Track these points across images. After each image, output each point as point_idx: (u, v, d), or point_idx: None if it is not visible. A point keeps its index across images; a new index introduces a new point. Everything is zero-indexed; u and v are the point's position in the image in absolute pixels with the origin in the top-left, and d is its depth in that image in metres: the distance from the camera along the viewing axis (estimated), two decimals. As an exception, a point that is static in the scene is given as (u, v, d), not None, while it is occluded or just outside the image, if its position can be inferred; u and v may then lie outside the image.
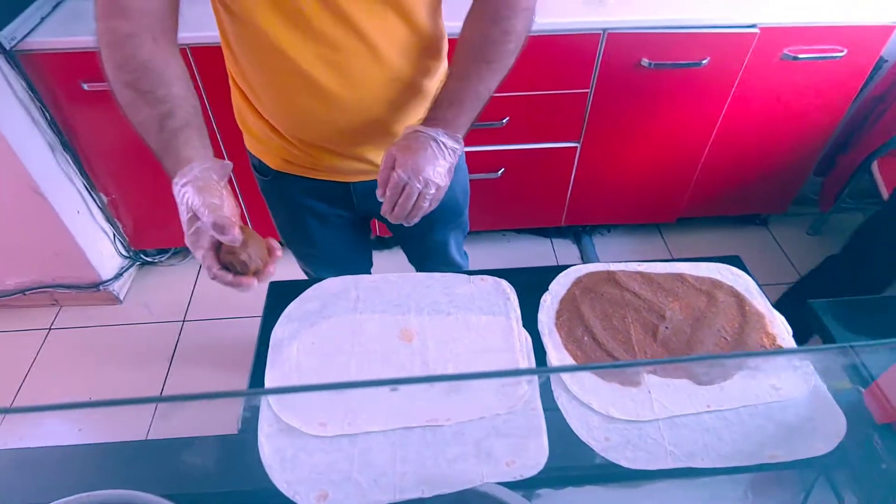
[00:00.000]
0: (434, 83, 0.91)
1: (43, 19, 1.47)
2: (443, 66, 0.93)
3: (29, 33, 1.42)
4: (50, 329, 1.91)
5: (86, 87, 1.49)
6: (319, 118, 0.86)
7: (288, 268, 2.16)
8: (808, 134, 1.85)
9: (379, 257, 1.33)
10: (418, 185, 0.75)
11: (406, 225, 0.79)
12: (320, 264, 1.17)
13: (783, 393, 0.72)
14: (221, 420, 0.73)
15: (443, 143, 0.78)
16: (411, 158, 0.75)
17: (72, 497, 0.62)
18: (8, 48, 1.37)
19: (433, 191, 0.77)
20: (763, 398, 0.72)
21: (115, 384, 1.73)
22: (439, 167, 0.77)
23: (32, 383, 1.75)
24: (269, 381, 0.76)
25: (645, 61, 1.58)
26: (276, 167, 0.97)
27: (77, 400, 1.70)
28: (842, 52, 1.61)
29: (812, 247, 2.19)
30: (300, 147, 0.91)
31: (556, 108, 1.70)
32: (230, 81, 0.93)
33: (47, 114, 1.56)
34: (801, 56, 1.60)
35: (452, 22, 0.87)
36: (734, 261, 0.90)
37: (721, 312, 0.82)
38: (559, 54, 1.57)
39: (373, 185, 0.87)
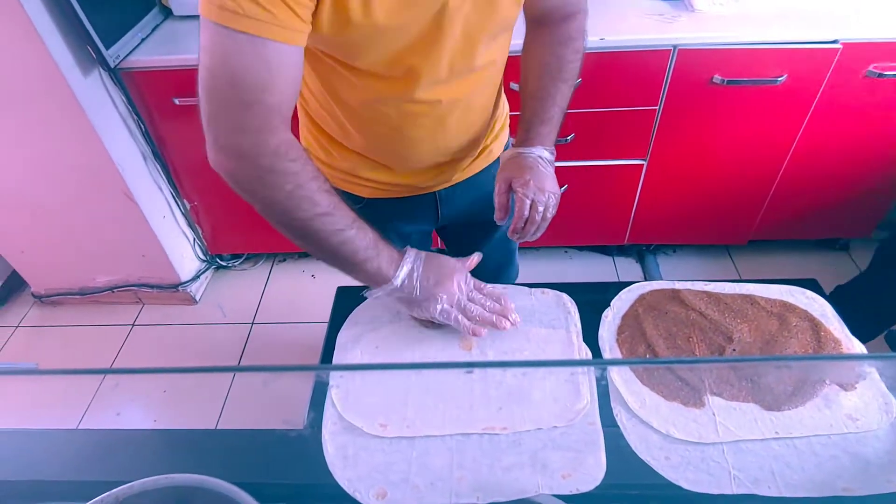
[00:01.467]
0: (499, 95, 0.98)
1: (143, 40, 1.61)
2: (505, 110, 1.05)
3: (130, 52, 1.56)
4: (133, 325, 2.05)
5: (177, 101, 1.61)
6: (419, 154, 0.91)
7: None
8: (889, 153, 1.74)
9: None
10: (543, 199, 0.85)
11: (531, 239, 0.88)
12: None
13: (860, 424, 0.69)
14: (289, 414, 0.77)
15: (546, 160, 0.88)
16: (531, 179, 0.85)
17: (148, 479, 0.67)
18: (112, 66, 1.51)
19: (553, 202, 0.86)
20: (838, 428, 0.68)
21: (188, 380, 1.84)
22: (552, 177, 0.87)
23: (115, 375, 1.89)
24: (333, 383, 0.79)
25: (717, 78, 1.55)
26: (367, 196, 0.99)
27: (153, 395, 1.83)
28: (927, 66, 1.52)
29: (899, 275, 2.04)
30: (394, 174, 0.95)
31: (623, 125, 1.68)
32: (306, 124, 0.96)
33: (142, 125, 1.69)
34: (887, 73, 1.52)
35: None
36: (810, 284, 0.87)
37: (794, 337, 0.78)
38: (628, 71, 1.56)
39: (454, 189, 1.01)
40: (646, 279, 2.08)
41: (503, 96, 1.02)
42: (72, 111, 1.52)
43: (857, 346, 0.78)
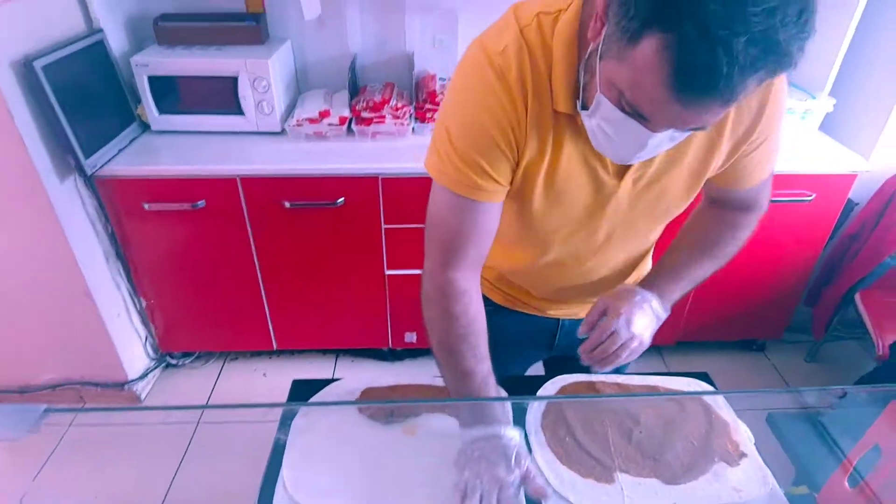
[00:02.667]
0: (650, 251, 1.04)
1: (121, 151, 1.75)
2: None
3: (107, 162, 1.69)
4: (70, 425, 1.99)
5: (147, 206, 1.73)
6: (562, 283, 0.98)
7: (310, 368, 2.24)
8: (790, 268, 2.01)
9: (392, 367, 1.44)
10: (626, 335, 0.83)
11: (596, 370, 0.87)
12: None
13: (743, 495, 0.80)
14: None
15: (652, 307, 0.87)
16: (626, 310, 0.84)
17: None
18: (89, 174, 1.63)
19: (635, 344, 0.84)
20: (726, 499, 0.80)
21: (124, 482, 1.78)
22: (649, 326, 0.86)
23: (48, 475, 1.81)
24: (287, 465, 0.85)
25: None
26: (498, 302, 1.08)
27: (83, 499, 1.75)
28: (811, 196, 1.81)
29: (810, 374, 2.25)
30: (528, 295, 1.04)
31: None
32: None
33: (109, 227, 1.79)
34: (774, 199, 1.79)
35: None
36: (702, 376, 1.01)
37: (690, 420, 0.92)
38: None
39: (576, 322, 0.97)
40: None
41: (650, 254, 1.05)
42: (43, 213, 1.61)
43: (742, 427, 0.91)
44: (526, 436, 0.89)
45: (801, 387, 2.17)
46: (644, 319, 0.85)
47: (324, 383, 1.00)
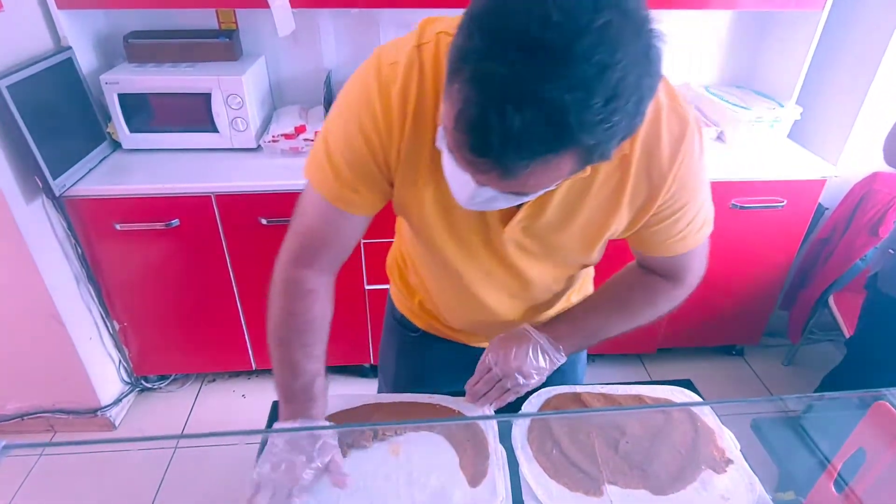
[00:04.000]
0: (576, 284, 0.99)
1: (90, 170, 1.71)
2: (589, 273, 1.04)
3: (76, 182, 1.64)
4: (41, 455, 1.92)
5: (118, 227, 1.69)
6: (472, 317, 0.97)
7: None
8: (765, 272, 2.04)
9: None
10: (499, 373, 0.87)
11: (478, 406, 0.90)
12: None
13: (731, 502, 0.80)
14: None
15: (543, 349, 0.87)
16: (503, 351, 0.87)
17: None
18: (57, 195, 1.59)
19: (510, 384, 0.87)
20: (714, 508, 0.80)
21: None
22: (528, 367, 0.86)
23: (17, 513, 1.74)
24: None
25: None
26: (423, 328, 1.08)
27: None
28: (782, 202, 1.85)
29: (789, 377, 2.28)
30: (450, 325, 1.03)
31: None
32: (396, 245, 1.08)
33: (79, 249, 1.74)
34: (746, 206, 1.84)
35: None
36: (686, 384, 1.02)
37: (675, 429, 0.91)
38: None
39: None
40: (568, 388, 2.21)
41: (585, 289, 1.04)
42: (9, 235, 1.56)
43: (727, 434, 0.91)
44: (513, 450, 0.88)
45: (780, 390, 2.20)
46: (529, 360, 0.86)
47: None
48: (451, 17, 0.68)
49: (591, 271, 1.05)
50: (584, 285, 1.05)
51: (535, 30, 0.45)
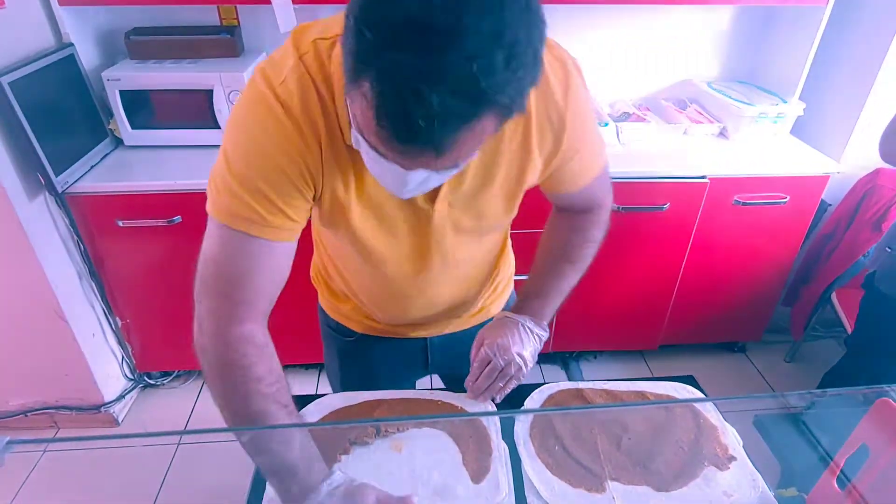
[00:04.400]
0: (502, 253, 1.04)
1: (92, 167, 1.71)
2: (507, 240, 1.06)
3: (78, 179, 1.65)
4: (47, 447, 1.93)
5: (121, 223, 1.69)
6: (412, 312, 0.97)
7: (292, 385, 2.22)
8: (767, 269, 2.04)
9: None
10: (501, 363, 0.87)
11: (481, 402, 0.90)
12: None
13: (734, 499, 0.80)
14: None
15: (529, 329, 0.90)
16: (498, 339, 0.88)
17: None
18: (59, 191, 1.59)
19: (514, 370, 0.88)
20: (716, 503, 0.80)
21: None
22: (524, 349, 0.88)
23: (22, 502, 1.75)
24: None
25: (614, 205, 1.80)
26: (360, 331, 1.05)
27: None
28: (785, 198, 1.85)
29: (791, 373, 2.28)
30: (386, 323, 1.02)
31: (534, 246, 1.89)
32: (318, 255, 1.03)
33: (81, 246, 1.74)
34: (749, 202, 1.84)
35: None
36: (688, 380, 1.02)
37: (678, 425, 0.91)
38: (539, 200, 1.79)
39: (446, 339, 1.04)
40: (570, 385, 2.21)
41: (508, 258, 1.08)
42: (12, 232, 1.56)
43: (730, 431, 0.91)
44: (515, 447, 0.88)
45: (782, 386, 2.20)
46: (518, 342, 0.89)
47: (307, 399, 0.97)
48: (321, 22, 0.72)
49: (508, 238, 1.07)
50: (507, 252, 1.08)
51: (421, 14, 0.47)
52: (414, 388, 1.15)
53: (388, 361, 1.09)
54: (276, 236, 0.72)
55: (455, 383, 1.01)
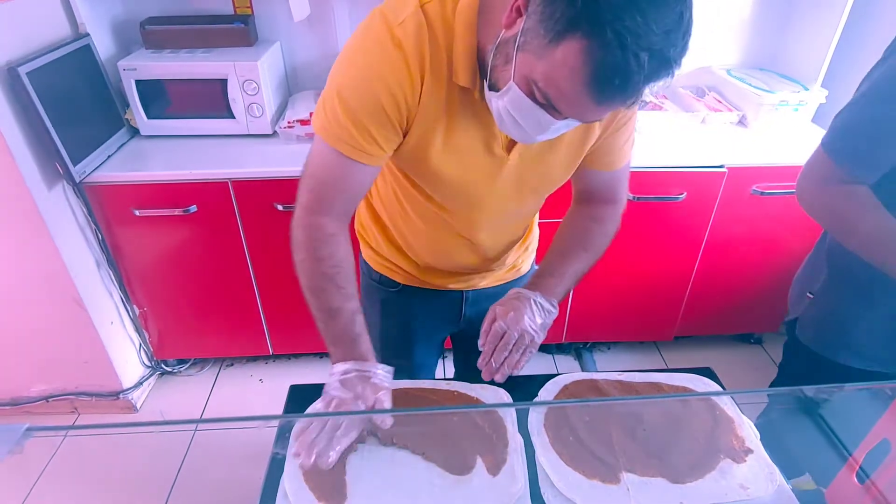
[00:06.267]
0: (533, 221, 1.15)
1: (109, 157, 1.73)
2: (535, 219, 1.16)
3: (96, 169, 1.66)
4: (66, 434, 1.97)
5: (137, 212, 1.70)
6: (457, 259, 1.04)
7: (307, 373, 2.23)
8: (785, 260, 2.00)
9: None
10: (515, 335, 0.89)
11: (498, 380, 0.89)
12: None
13: (751, 492, 0.79)
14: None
15: (539, 304, 0.93)
16: (511, 313, 0.90)
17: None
18: (77, 181, 1.61)
19: (528, 341, 0.90)
20: (733, 497, 0.79)
21: (121, 494, 1.76)
22: (534, 323, 0.91)
23: (43, 488, 1.78)
24: (289, 475, 0.84)
25: (630, 194, 1.78)
26: (402, 282, 1.13)
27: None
28: (805, 188, 1.81)
29: (808, 366, 2.25)
30: (430, 272, 1.09)
31: (552, 234, 1.88)
32: (366, 206, 1.10)
33: (99, 234, 1.76)
34: (767, 192, 1.80)
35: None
36: (706, 372, 1.01)
37: (694, 417, 0.91)
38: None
39: (480, 293, 1.13)
40: (584, 375, 2.20)
41: (536, 225, 1.18)
42: (31, 221, 1.58)
43: (747, 423, 0.90)
44: (529, 437, 0.88)
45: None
46: (529, 316, 0.91)
47: (321, 388, 0.98)
48: None
49: (536, 217, 1.16)
50: (536, 220, 1.18)
51: None
52: (444, 342, 1.30)
53: (426, 312, 1.17)
54: (367, 161, 0.82)
55: (472, 344, 1.08)
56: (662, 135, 1.88)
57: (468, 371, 1.14)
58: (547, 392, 0.97)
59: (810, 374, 1.19)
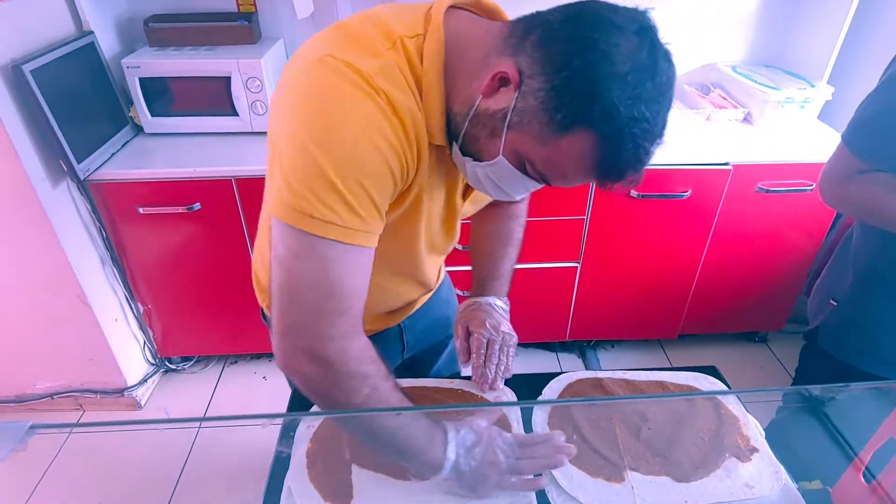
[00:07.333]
0: None
1: (113, 154, 1.73)
2: None
3: (100, 166, 1.66)
4: (71, 432, 1.97)
5: (141, 210, 1.71)
6: (402, 296, 1.00)
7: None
8: (791, 257, 2.00)
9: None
10: (498, 339, 0.92)
11: (493, 389, 0.92)
12: None
13: (756, 491, 0.79)
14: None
15: (499, 307, 0.98)
16: (486, 321, 0.93)
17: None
18: (81, 178, 1.61)
19: (511, 342, 0.95)
20: (738, 496, 0.78)
21: (124, 496, 1.76)
22: (507, 323, 0.96)
23: (47, 485, 1.79)
24: (293, 475, 0.84)
25: (634, 192, 1.78)
26: None
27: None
28: (810, 185, 1.80)
29: (813, 365, 2.24)
30: (371, 319, 0.99)
31: (557, 232, 1.88)
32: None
33: (104, 232, 1.76)
34: (773, 189, 1.79)
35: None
36: (711, 370, 1.00)
37: (699, 415, 0.90)
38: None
39: (412, 318, 1.06)
40: (587, 373, 2.20)
41: None
42: (36, 219, 1.59)
43: (752, 422, 0.90)
44: (533, 436, 0.88)
45: (804, 377, 2.17)
46: (500, 319, 0.96)
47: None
48: (386, 13, 0.70)
49: None
50: None
51: (660, 78, 0.59)
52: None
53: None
54: (374, 243, 0.67)
55: (422, 363, 1.16)
56: (667, 132, 1.87)
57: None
58: (551, 390, 0.96)
59: (834, 382, 1.15)
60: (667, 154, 1.75)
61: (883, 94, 0.93)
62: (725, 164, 1.75)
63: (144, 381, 2.08)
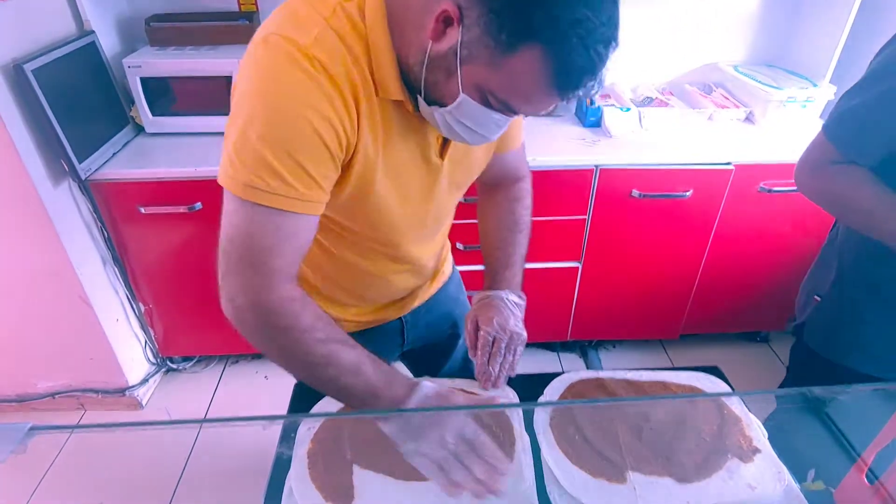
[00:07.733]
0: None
1: (114, 154, 1.73)
2: None
3: (101, 166, 1.66)
4: (72, 433, 1.97)
5: (143, 210, 1.71)
6: (396, 285, 1.00)
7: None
8: (793, 257, 1.99)
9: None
10: (505, 337, 0.91)
11: (495, 387, 0.92)
12: None
13: (758, 492, 0.79)
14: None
15: (512, 301, 0.95)
16: (494, 318, 0.92)
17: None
18: (83, 178, 1.61)
19: (518, 342, 0.92)
20: (740, 497, 0.78)
21: (126, 492, 1.76)
22: (517, 321, 0.94)
23: (48, 486, 1.79)
24: (295, 476, 0.83)
25: (635, 192, 1.78)
26: (348, 330, 1.05)
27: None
28: (813, 185, 1.79)
29: (815, 365, 2.23)
30: (363, 311, 1.02)
31: (558, 232, 1.88)
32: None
33: (105, 232, 1.76)
34: (775, 189, 1.79)
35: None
36: (713, 370, 1.00)
37: (701, 416, 0.90)
38: (559, 186, 1.77)
39: (416, 312, 1.06)
40: (589, 373, 2.19)
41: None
42: (38, 219, 1.59)
43: (755, 422, 0.89)
44: (535, 436, 0.88)
45: (806, 377, 2.16)
46: (511, 316, 0.93)
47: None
48: None
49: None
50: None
51: None
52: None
53: (370, 350, 1.09)
54: (309, 210, 0.71)
55: (425, 360, 1.15)
56: (669, 132, 1.87)
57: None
58: (553, 391, 0.96)
59: (820, 379, 1.16)
60: (668, 154, 1.75)
61: (865, 86, 0.93)
62: (727, 163, 1.75)
63: (146, 380, 2.08)
